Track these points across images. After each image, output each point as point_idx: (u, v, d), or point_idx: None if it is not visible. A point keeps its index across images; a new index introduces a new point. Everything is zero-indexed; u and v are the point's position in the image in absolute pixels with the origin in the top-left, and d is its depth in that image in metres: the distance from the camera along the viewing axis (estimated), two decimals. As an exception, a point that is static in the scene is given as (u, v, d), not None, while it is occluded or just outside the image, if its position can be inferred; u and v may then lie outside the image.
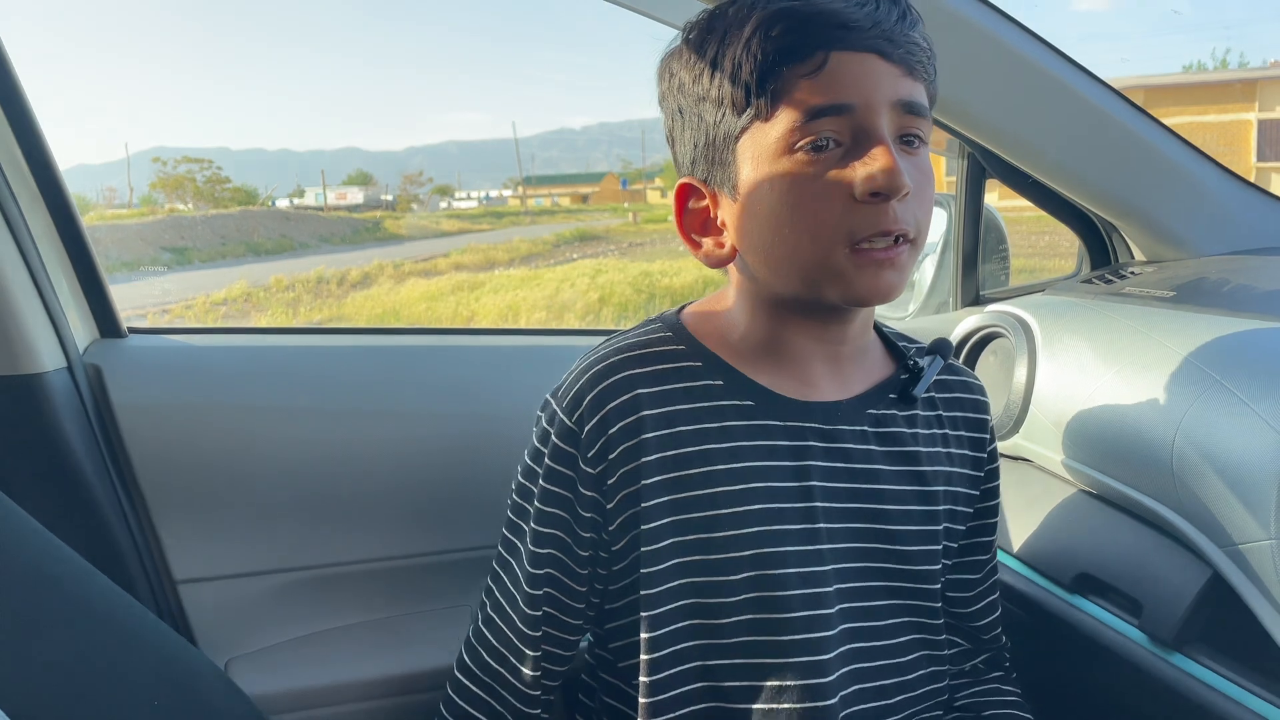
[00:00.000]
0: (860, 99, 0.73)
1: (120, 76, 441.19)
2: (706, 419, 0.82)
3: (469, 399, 1.29)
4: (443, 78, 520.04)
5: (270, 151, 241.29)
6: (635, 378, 0.82)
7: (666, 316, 0.89)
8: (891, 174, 0.72)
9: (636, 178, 57.57)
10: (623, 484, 0.81)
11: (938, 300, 1.51)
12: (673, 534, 0.81)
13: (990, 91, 1.14)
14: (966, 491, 0.91)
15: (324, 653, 1.21)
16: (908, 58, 0.75)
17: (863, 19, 0.74)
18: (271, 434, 1.21)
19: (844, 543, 0.84)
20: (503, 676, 0.89)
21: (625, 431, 0.81)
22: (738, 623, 0.81)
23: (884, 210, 0.73)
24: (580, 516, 0.83)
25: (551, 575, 0.86)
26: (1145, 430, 0.93)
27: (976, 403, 0.93)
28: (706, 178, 0.81)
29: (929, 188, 0.78)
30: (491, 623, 0.90)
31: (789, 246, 0.76)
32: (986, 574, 0.96)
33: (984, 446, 0.93)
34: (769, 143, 0.75)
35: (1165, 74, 33.95)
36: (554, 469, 0.84)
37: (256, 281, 13.77)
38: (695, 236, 0.84)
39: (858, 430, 0.85)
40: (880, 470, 0.85)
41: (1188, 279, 1.15)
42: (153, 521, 1.17)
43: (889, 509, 0.85)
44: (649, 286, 11.59)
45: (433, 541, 1.28)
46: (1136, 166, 1.21)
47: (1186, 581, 0.88)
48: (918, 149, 0.77)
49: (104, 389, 1.15)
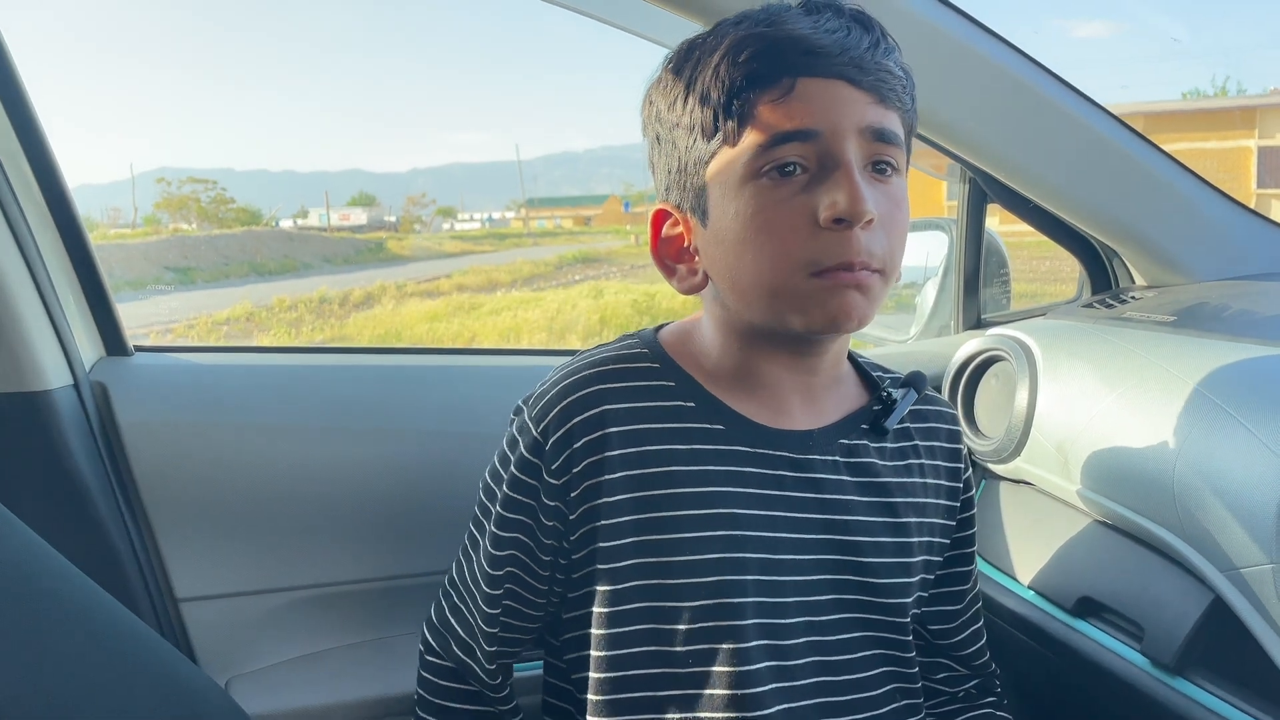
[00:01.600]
0: (826, 125, 0.73)
1: (125, 97, 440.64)
2: (675, 440, 0.81)
3: (471, 419, 1.30)
4: (447, 100, 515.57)
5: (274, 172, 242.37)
6: (605, 392, 0.82)
7: (644, 334, 0.89)
8: (854, 199, 0.72)
9: (639, 200, 57.75)
10: (585, 498, 0.81)
11: (939, 324, 1.52)
12: (633, 555, 0.80)
13: (992, 117, 1.15)
14: (942, 522, 0.91)
15: (325, 672, 1.21)
16: (878, 85, 0.75)
17: (830, 45, 0.74)
18: (275, 452, 1.21)
19: (812, 574, 0.83)
20: (468, 665, 0.92)
21: (589, 446, 0.80)
22: (693, 651, 0.80)
23: (847, 238, 0.73)
24: (543, 524, 0.83)
25: (513, 574, 0.86)
26: (1147, 454, 0.94)
27: (951, 432, 0.93)
28: (680, 203, 0.82)
29: (899, 216, 0.77)
30: (458, 613, 0.92)
31: (753, 272, 0.76)
32: (969, 603, 0.96)
33: (959, 476, 0.92)
34: (736, 167, 0.75)
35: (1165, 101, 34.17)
36: (519, 478, 0.84)
37: (259, 301, 13.79)
38: (669, 263, 0.84)
39: (829, 460, 0.84)
40: (851, 501, 0.84)
41: (1188, 304, 1.16)
42: (156, 539, 1.17)
43: (860, 540, 0.84)
44: (650, 308, 11.60)
45: (434, 561, 1.27)
46: (1137, 192, 1.22)
47: (1188, 605, 0.88)
48: (889, 177, 0.77)
49: (109, 406, 1.15)
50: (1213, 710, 0.84)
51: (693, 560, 0.79)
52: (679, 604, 0.80)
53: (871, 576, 0.84)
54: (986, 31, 1.12)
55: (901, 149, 0.77)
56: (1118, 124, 1.19)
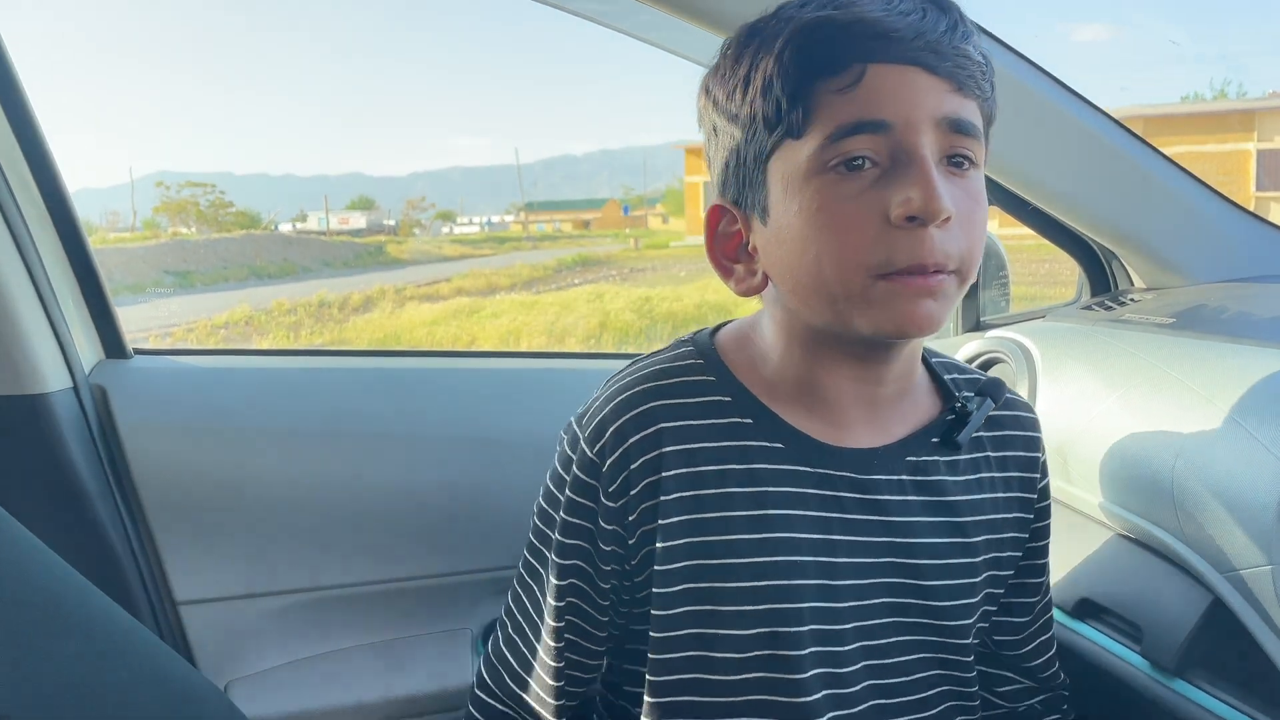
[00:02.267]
0: (899, 116, 0.68)
1: (124, 101, 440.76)
2: (732, 459, 0.77)
3: (470, 422, 1.30)
4: (446, 104, 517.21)
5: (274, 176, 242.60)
6: (658, 410, 0.77)
7: (700, 339, 0.83)
8: (930, 197, 0.66)
9: (638, 204, 57.77)
10: (642, 520, 0.77)
11: (938, 326, 1.52)
12: (687, 579, 0.76)
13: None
14: (1014, 535, 0.85)
15: (324, 675, 1.21)
16: (956, 71, 0.69)
17: (905, 29, 0.68)
18: (274, 455, 1.21)
19: (872, 599, 0.78)
20: (524, 700, 0.86)
21: (646, 467, 0.76)
22: (744, 680, 0.76)
23: (921, 237, 0.67)
24: (601, 550, 0.79)
25: (575, 605, 0.82)
26: (1145, 456, 0.94)
27: (1029, 440, 0.87)
28: (738, 200, 0.76)
29: (979, 213, 0.72)
30: (513, 644, 0.87)
31: (818, 273, 0.70)
32: (1037, 614, 0.91)
33: (1034, 486, 0.87)
34: (800, 161, 0.70)
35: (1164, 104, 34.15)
36: (575, 500, 0.80)
37: (258, 305, 13.78)
38: (726, 263, 0.79)
39: (895, 480, 0.79)
40: (917, 523, 0.79)
41: (1187, 306, 1.16)
42: (155, 542, 1.17)
43: (923, 564, 0.79)
44: (649, 312, 11.59)
45: (433, 564, 1.27)
46: (1135, 194, 1.22)
47: (1187, 607, 0.88)
48: (967, 171, 0.71)
49: (109, 409, 1.16)
50: (1212, 712, 0.84)
51: (746, 587, 0.76)
52: (731, 632, 0.76)
53: (935, 600, 0.80)
54: (983, 32, 1.12)
55: (980, 141, 0.72)
56: (1116, 126, 1.19)
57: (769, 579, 0.76)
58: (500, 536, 0.91)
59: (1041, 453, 0.88)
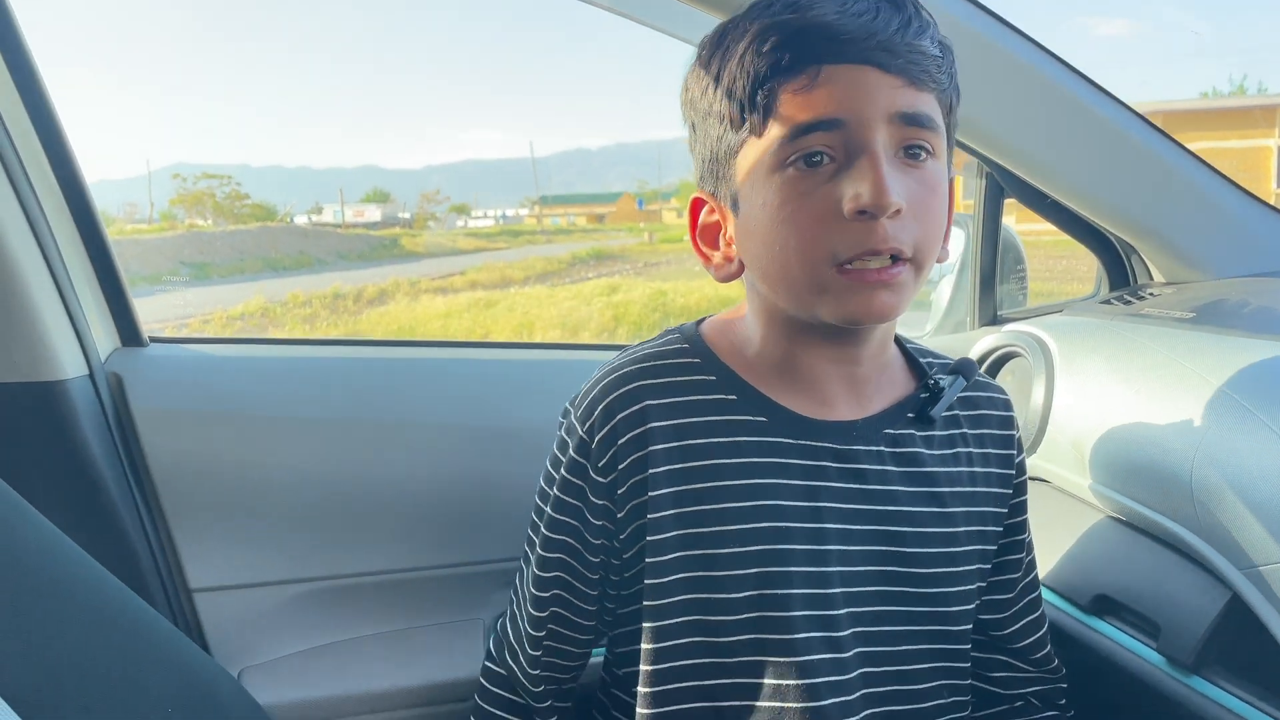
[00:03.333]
0: (852, 114, 0.71)
1: (143, 94, 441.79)
2: (718, 433, 0.81)
3: (485, 412, 1.30)
4: (461, 97, 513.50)
5: (289, 169, 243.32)
6: (645, 389, 0.82)
7: (685, 328, 0.89)
8: (879, 191, 0.70)
9: (653, 198, 57.74)
10: (632, 494, 0.82)
11: (955, 320, 1.51)
12: (679, 548, 0.81)
13: (1009, 111, 1.15)
14: (994, 510, 0.89)
15: (337, 664, 1.21)
16: (909, 67, 0.73)
17: (856, 30, 0.72)
18: (289, 444, 1.21)
19: (857, 565, 0.82)
20: (512, 671, 0.93)
21: (633, 442, 0.81)
22: (740, 641, 0.80)
23: (872, 229, 0.71)
24: (591, 524, 0.84)
25: (561, 579, 0.87)
26: (1164, 451, 0.93)
27: (1003, 419, 0.91)
28: (714, 191, 0.82)
29: (934, 202, 0.75)
30: (513, 619, 0.93)
31: (781, 264, 0.75)
32: (1021, 591, 0.93)
33: (1011, 463, 0.90)
34: (763, 158, 0.74)
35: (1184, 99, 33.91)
36: (567, 479, 0.85)
37: (273, 297, 13.85)
38: (706, 249, 0.84)
39: (873, 450, 0.83)
40: (897, 491, 0.84)
41: (1208, 300, 1.15)
42: (170, 530, 1.18)
43: (905, 531, 0.83)
44: (663, 305, 11.60)
45: (446, 554, 1.28)
46: (1155, 187, 1.21)
47: (1205, 603, 0.87)
48: (923, 162, 0.75)
49: (124, 397, 1.16)
50: (1230, 709, 0.83)
51: (737, 552, 0.80)
52: (725, 595, 0.80)
53: (916, 567, 0.84)
54: (1004, 24, 1.11)
55: (936, 131, 0.75)
56: (1136, 118, 1.18)
57: (759, 544, 0.80)
58: (513, 527, 0.92)
59: (1016, 430, 0.92)
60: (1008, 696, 0.94)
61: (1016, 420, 0.92)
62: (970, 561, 0.87)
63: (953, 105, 0.79)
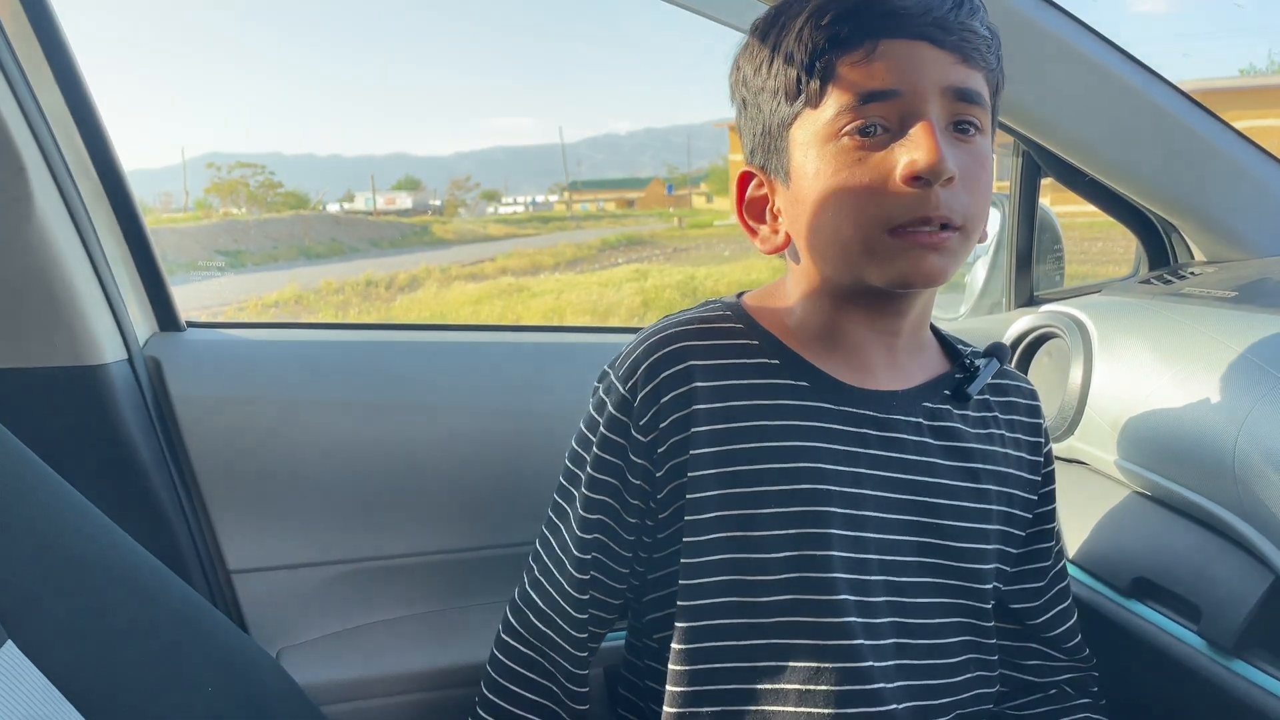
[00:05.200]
0: (907, 85, 0.74)
1: (177, 84, 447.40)
2: (761, 396, 0.82)
3: (518, 395, 1.30)
4: (490, 84, 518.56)
5: (321, 157, 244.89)
6: (690, 349, 0.83)
7: (726, 299, 0.89)
8: (933, 158, 0.72)
9: (682, 183, 57.57)
10: (672, 454, 0.82)
11: (990, 301, 1.49)
12: (718, 507, 0.81)
13: (1045, 87, 1.13)
14: (1024, 495, 0.90)
15: (374, 644, 1.23)
16: (961, 45, 0.75)
17: (913, 6, 0.75)
18: (325, 427, 1.22)
19: (893, 534, 0.83)
20: (550, 638, 0.90)
21: (677, 401, 0.81)
22: (778, 602, 0.81)
23: (926, 196, 0.73)
24: (630, 484, 0.85)
25: (600, 540, 0.87)
26: (1206, 432, 0.92)
27: (1031, 408, 0.93)
28: (764, 165, 0.84)
29: (983, 175, 0.77)
30: (539, 585, 0.91)
31: (833, 230, 0.77)
32: (1051, 580, 0.94)
33: (1040, 450, 0.92)
34: (818, 128, 0.77)
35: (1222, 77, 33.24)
36: (608, 437, 0.85)
37: (307, 284, 13.98)
38: (753, 223, 0.86)
39: (913, 422, 0.84)
40: (935, 464, 0.84)
41: (1250, 279, 1.12)
42: (208, 512, 1.19)
43: (940, 503, 0.84)
44: (693, 291, 11.59)
45: (480, 537, 1.28)
46: (1196, 164, 1.19)
47: (1247, 586, 0.86)
48: (973, 136, 0.77)
49: (163, 381, 1.17)
50: (1273, 693, 0.82)
51: (777, 513, 0.80)
52: (764, 555, 0.80)
53: (950, 540, 0.85)
54: (1042, 0, 1.09)
55: (985, 108, 0.78)
56: (1175, 92, 1.16)
57: (799, 505, 0.80)
58: (544, 508, 0.92)
59: (1044, 419, 0.94)
60: (1041, 685, 0.94)
61: (1043, 410, 0.94)
62: (997, 541, 0.88)
63: (999, 87, 0.82)
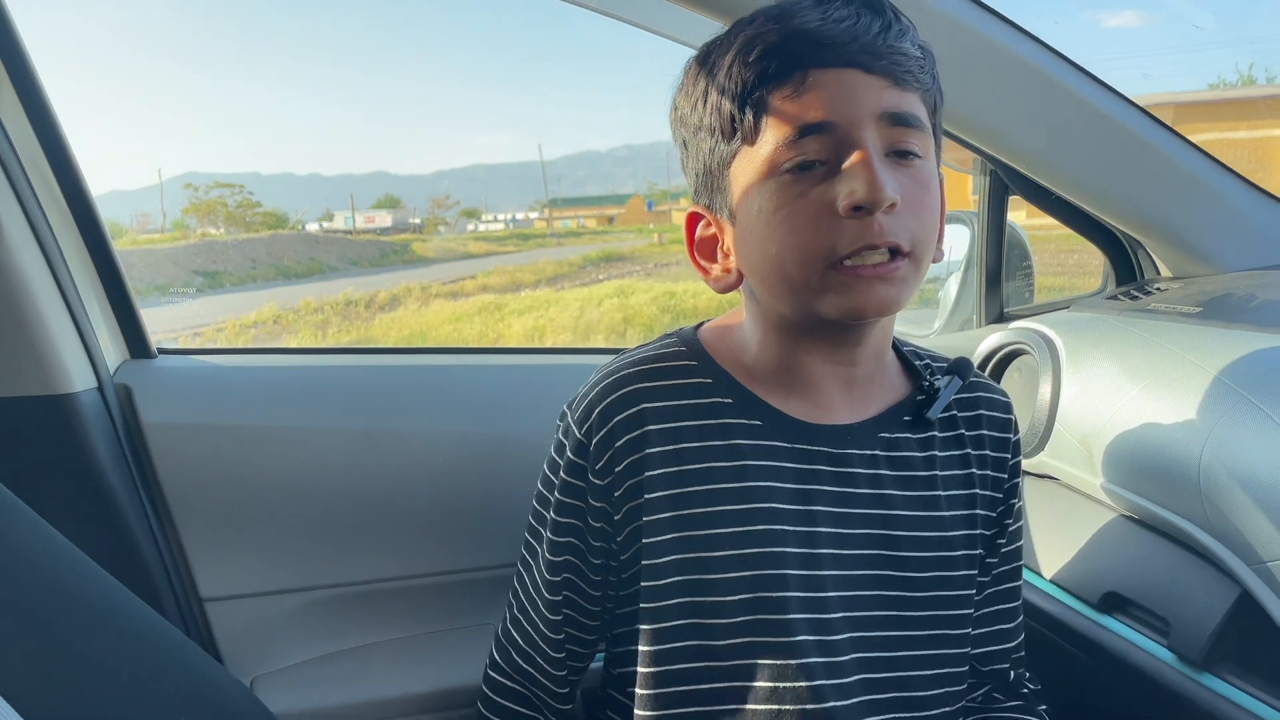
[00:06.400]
0: (841, 115, 0.73)
1: (153, 103, 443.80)
2: (713, 436, 0.82)
3: (492, 418, 1.30)
4: (469, 102, 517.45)
5: (300, 176, 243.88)
6: (642, 392, 0.83)
7: (684, 333, 0.89)
8: (871, 187, 0.71)
9: (662, 199, 57.69)
10: (628, 497, 0.82)
11: (961, 318, 1.51)
12: (674, 550, 0.81)
13: (1010, 108, 1.14)
14: (985, 514, 0.89)
15: (349, 671, 1.22)
16: (892, 68, 0.74)
17: (839, 34, 0.74)
18: (297, 453, 1.22)
19: (852, 569, 0.82)
20: (532, 674, 0.93)
21: (631, 445, 0.82)
22: (735, 645, 0.80)
23: (869, 224, 0.72)
24: (592, 527, 0.86)
25: (569, 580, 0.88)
26: (1172, 447, 0.92)
27: (1002, 420, 0.91)
28: (710, 204, 0.83)
29: (927, 199, 0.76)
30: (518, 623, 0.94)
31: (780, 266, 0.76)
32: (987, 599, 0.91)
33: (1005, 465, 0.90)
34: (756, 166, 0.76)
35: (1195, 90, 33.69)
36: (567, 481, 0.86)
37: (285, 304, 13.90)
38: (704, 262, 0.85)
39: (867, 454, 0.84)
40: (891, 495, 0.83)
41: (1214, 294, 1.14)
42: (180, 540, 1.18)
43: (899, 534, 0.83)
44: (674, 306, 11.60)
45: (455, 560, 1.28)
46: (1160, 181, 1.21)
47: (1215, 600, 0.87)
48: (913, 160, 0.76)
49: (134, 409, 1.17)
50: (1241, 706, 0.83)
51: (731, 555, 0.80)
52: (720, 598, 0.80)
53: (911, 571, 0.83)
54: (1003, 21, 1.10)
55: (923, 129, 0.76)
56: (1138, 112, 1.17)
57: (753, 546, 0.80)
58: (519, 532, 0.92)
59: (1014, 433, 0.92)
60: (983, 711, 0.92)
61: (1016, 423, 0.92)
62: (968, 565, 0.87)
63: (937, 105, 0.80)
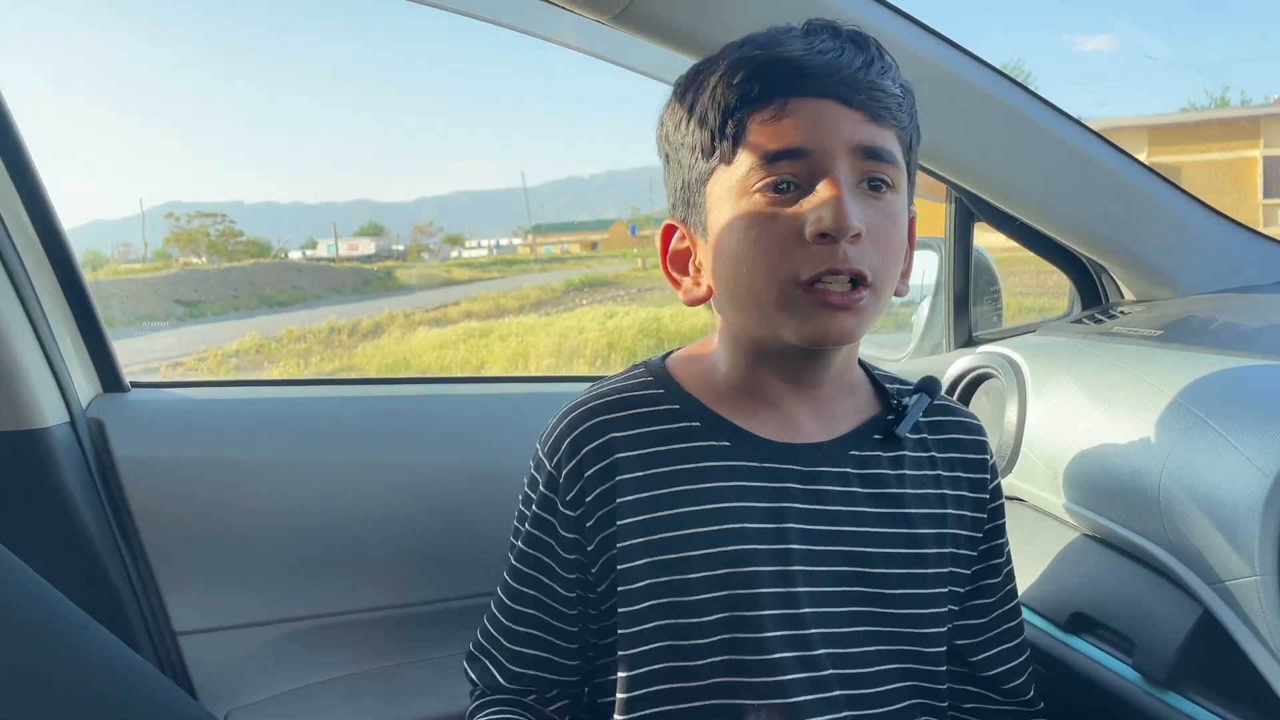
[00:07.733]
0: (816, 144, 0.75)
1: (134, 134, 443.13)
2: (683, 460, 0.83)
3: (469, 448, 1.30)
4: (452, 130, 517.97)
5: (283, 205, 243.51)
6: (609, 422, 0.84)
7: (651, 363, 0.90)
8: (838, 215, 0.73)
9: (645, 224, 57.87)
10: (600, 526, 0.83)
11: (932, 342, 1.52)
12: (649, 575, 0.81)
13: (972, 136, 1.16)
14: (968, 534, 0.89)
15: (323, 703, 1.22)
16: (870, 104, 0.77)
17: (822, 66, 0.76)
18: (271, 486, 1.22)
19: (825, 586, 0.83)
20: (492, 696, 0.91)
21: (600, 474, 0.82)
22: (712, 664, 0.81)
23: (833, 251, 0.74)
24: (562, 558, 0.86)
25: (535, 617, 0.88)
26: (1133, 468, 0.94)
27: (974, 443, 0.91)
28: (685, 219, 0.85)
29: (893, 232, 0.78)
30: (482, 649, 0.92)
31: (748, 285, 0.78)
32: (996, 620, 0.92)
33: (985, 486, 0.90)
34: (731, 184, 0.78)
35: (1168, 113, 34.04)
36: (538, 515, 0.86)
37: (268, 333, 13.85)
38: (676, 275, 0.87)
39: (839, 472, 0.84)
40: (863, 513, 0.84)
41: (1175, 318, 1.16)
42: (153, 574, 1.18)
43: (871, 552, 0.84)
44: (658, 331, 11.62)
45: (432, 590, 1.28)
46: (1120, 207, 1.23)
47: (1178, 619, 0.88)
48: (884, 194, 0.78)
49: (106, 443, 1.17)
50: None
51: (705, 577, 0.81)
52: (696, 620, 0.81)
53: (884, 588, 0.84)
54: (964, 53, 1.13)
55: (896, 165, 0.79)
56: (1096, 139, 1.20)
57: (725, 567, 0.81)
58: (498, 560, 0.92)
59: (989, 455, 0.93)
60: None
61: (989, 445, 0.93)
62: (940, 584, 0.87)
63: (912, 144, 0.83)
